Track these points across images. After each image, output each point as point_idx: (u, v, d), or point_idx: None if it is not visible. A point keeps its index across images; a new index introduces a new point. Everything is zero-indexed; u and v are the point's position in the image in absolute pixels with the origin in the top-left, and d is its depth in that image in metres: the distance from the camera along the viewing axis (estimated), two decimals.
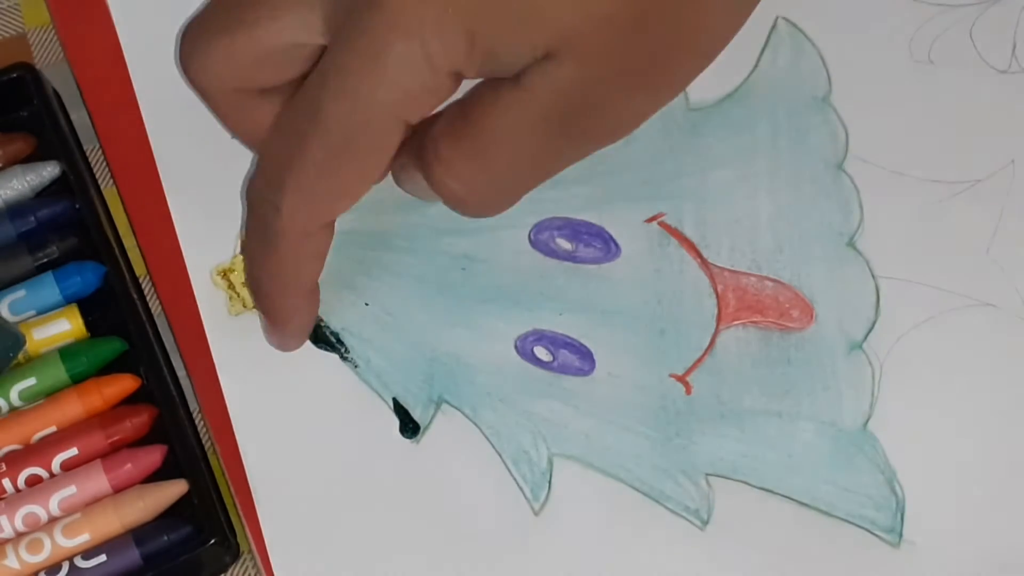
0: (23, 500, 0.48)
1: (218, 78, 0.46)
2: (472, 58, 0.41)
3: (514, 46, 0.41)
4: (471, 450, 0.49)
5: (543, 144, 0.43)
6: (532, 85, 0.41)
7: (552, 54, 0.41)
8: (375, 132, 0.42)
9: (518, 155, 0.43)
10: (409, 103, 0.42)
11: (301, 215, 0.44)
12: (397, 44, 0.40)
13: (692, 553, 0.48)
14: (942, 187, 0.53)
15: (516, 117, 0.42)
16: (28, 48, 0.57)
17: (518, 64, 0.41)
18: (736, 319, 0.51)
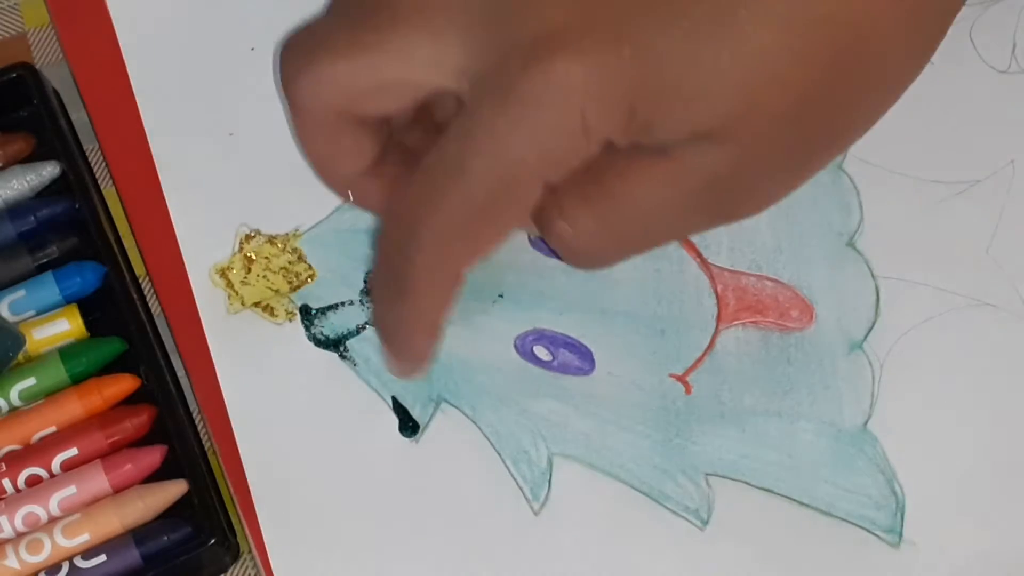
0: (23, 500, 0.48)
1: (325, 102, 0.44)
2: (628, 131, 0.40)
3: (673, 125, 0.40)
4: (471, 449, 0.49)
5: (680, 216, 0.43)
6: (683, 161, 0.41)
7: (708, 136, 0.40)
8: (519, 192, 0.41)
9: (649, 223, 0.43)
10: (556, 166, 0.40)
11: (437, 269, 0.43)
12: (554, 111, 0.39)
13: (692, 553, 0.48)
14: (942, 187, 0.53)
15: (658, 189, 0.41)
16: (28, 48, 0.57)
17: (671, 140, 0.40)
18: (736, 319, 0.51)
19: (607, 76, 0.39)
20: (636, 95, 0.39)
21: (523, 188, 0.41)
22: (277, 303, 0.51)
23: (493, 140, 0.40)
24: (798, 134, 0.41)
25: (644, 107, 0.39)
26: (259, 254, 0.52)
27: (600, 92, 0.39)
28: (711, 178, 0.41)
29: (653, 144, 0.41)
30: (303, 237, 0.52)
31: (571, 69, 0.38)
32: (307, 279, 0.52)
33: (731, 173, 0.41)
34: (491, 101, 0.40)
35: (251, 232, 0.52)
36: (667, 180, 0.41)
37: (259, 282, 0.52)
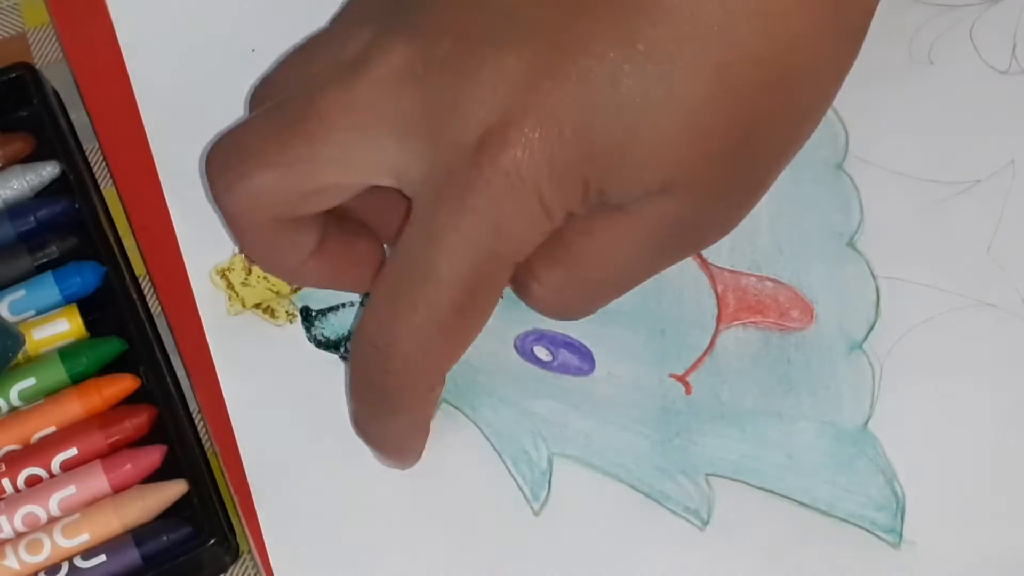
0: (23, 500, 0.48)
1: (260, 212, 0.44)
2: (586, 201, 0.41)
3: (626, 187, 0.41)
4: (471, 449, 0.49)
5: (646, 262, 0.44)
6: (641, 214, 0.42)
7: (662, 187, 0.41)
8: (492, 280, 0.42)
9: (617, 274, 0.44)
10: (524, 248, 0.41)
11: (423, 376, 0.43)
12: (515, 199, 0.40)
13: (692, 553, 0.48)
14: (942, 187, 0.53)
15: (622, 242, 0.43)
16: (28, 48, 0.57)
17: (624, 200, 0.42)
18: (736, 319, 0.51)
19: (554, 157, 0.40)
20: (585, 168, 0.40)
21: (495, 276, 0.41)
22: (278, 304, 0.51)
23: (458, 238, 0.40)
24: (745, 166, 0.42)
25: (595, 177, 0.40)
26: None
27: (550, 172, 0.40)
28: (670, 223, 0.42)
29: (610, 204, 0.42)
30: None
31: (519, 158, 0.39)
32: None
33: (687, 214, 0.42)
34: (448, 201, 0.40)
35: None
36: (629, 232, 0.43)
37: (260, 283, 0.51)
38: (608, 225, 0.43)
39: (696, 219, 0.43)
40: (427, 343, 0.42)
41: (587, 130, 0.40)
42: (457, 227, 0.40)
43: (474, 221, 0.40)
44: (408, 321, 0.41)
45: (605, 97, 0.40)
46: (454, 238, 0.40)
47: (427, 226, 0.41)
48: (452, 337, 0.42)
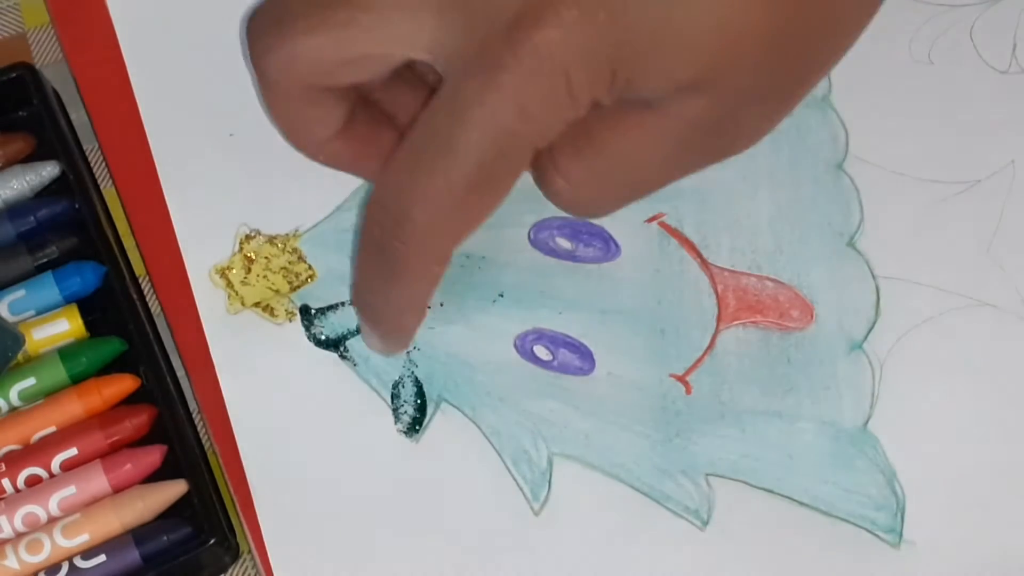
0: (23, 500, 0.48)
1: (295, 77, 0.44)
2: (612, 90, 0.41)
3: (655, 81, 0.41)
4: (471, 449, 0.49)
5: (670, 161, 0.44)
6: (668, 111, 0.42)
7: (690, 84, 0.41)
8: (511, 161, 0.41)
9: (641, 171, 0.44)
10: (547, 132, 0.41)
11: (431, 247, 0.43)
12: (542, 79, 0.40)
13: (692, 553, 0.48)
14: (942, 187, 0.53)
15: (647, 138, 0.42)
16: (27, 48, 0.57)
17: (654, 94, 0.41)
18: (736, 319, 0.51)
19: (586, 41, 0.40)
20: (616, 56, 0.40)
21: (514, 157, 0.41)
22: (277, 303, 0.51)
23: (482, 113, 0.40)
24: (774, 72, 0.42)
25: (624, 67, 0.40)
26: (259, 254, 0.52)
27: (581, 57, 0.40)
28: (697, 123, 0.42)
29: (638, 99, 0.42)
30: (303, 237, 0.52)
31: (552, 38, 0.39)
32: (307, 279, 0.52)
33: (715, 116, 0.42)
34: (477, 75, 0.40)
35: (251, 232, 0.52)
36: (655, 130, 0.42)
37: (259, 282, 0.52)
38: (636, 121, 0.42)
39: (724, 122, 0.42)
40: (439, 214, 0.42)
41: (622, 17, 0.40)
42: (483, 101, 0.40)
43: (500, 98, 0.40)
44: (423, 190, 0.41)
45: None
46: (478, 112, 0.40)
47: (453, 98, 0.41)
48: (464, 212, 0.42)
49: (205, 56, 0.55)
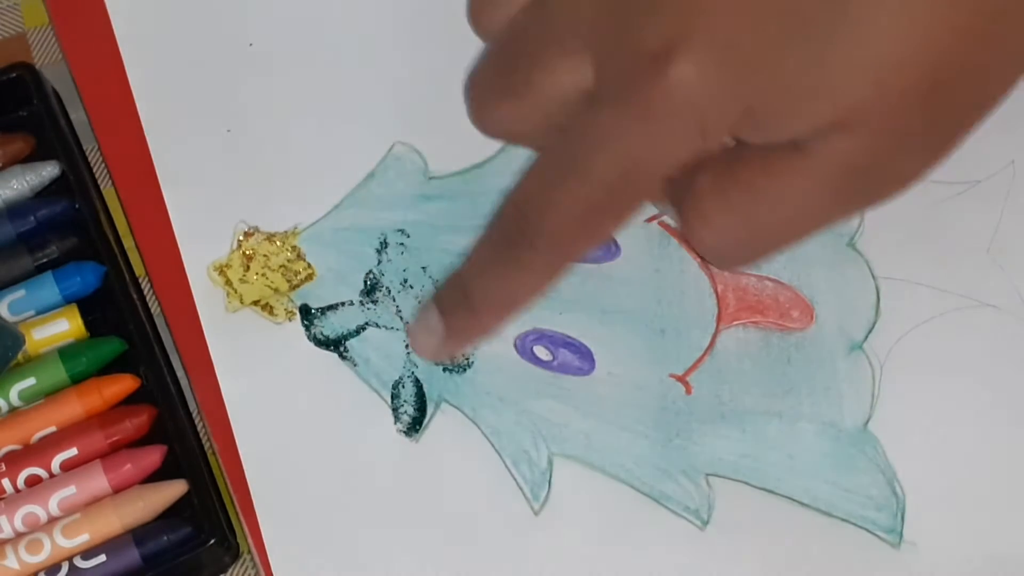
0: (23, 500, 0.48)
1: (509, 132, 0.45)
2: (744, 128, 0.41)
3: (793, 119, 0.40)
4: (471, 449, 0.49)
5: (816, 208, 0.43)
6: (816, 153, 0.41)
7: (839, 125, 0.40)
8: (636, 188, 0.42)
9: (790, 219, 0.43)
10: (674, 164, 0.41)
11: (556, 255, 0.43)
12: (674, 114, 0.40)
13: (692, 553, 0.48)
14: (942, 187, 0.53)
15: (794, 183, 0.42)
16: (27, 48, 0.57)
17: (792, 135, 0.41)
18: (736, 319, 0.51)
19: (722, 80, 0.39)
20: (753, 95, 0.40)
21: (640, 185, 0.42)
22: (276, 302, 0.51)
23: (613, 141, 0.41)
24: (930, 112, 0.41)
25: (762, 107, 0.40)
26: (257, 251, 0.52)
27: (716, 96, 0.40)
28: (847, 167, 0.41)
29: (780, 140, 0.41)
30: (302, 235, 0.52)
31: (688, 76, 0.39)
32: (306, 277, 0.52)
33: (865, 161, 0.41)
34: (612, 105, 0.41)
35: (249, 229, 0.52)
36: (801, 174, 0.41)
37: (258, 280, 0.51)
38: (782, 164, 0.41)
39: (874, 164, 0.41)
40: (567, 228, 0.42)
41: (762, 54, 0.39)
42: (615, 129, 0.41)
43: (631, 129, 0.40)
44: (554, 205, 0.42)
45: (787, 20, 0.39)
46: (608, 139, 0.41)
47: (588, 121, 0.41)
48: (588, 229, 0.43)
49: (203, 56, 0.55)
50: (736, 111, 0.40)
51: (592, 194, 0.42)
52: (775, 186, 0.42)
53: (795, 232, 0.44)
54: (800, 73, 0.39)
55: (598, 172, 0.41)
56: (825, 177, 0.41)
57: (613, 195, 0.42)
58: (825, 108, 0.40)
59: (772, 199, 0.42)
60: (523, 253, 0.43)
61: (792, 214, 0.43)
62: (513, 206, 0.44)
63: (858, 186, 0.42)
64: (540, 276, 0.44)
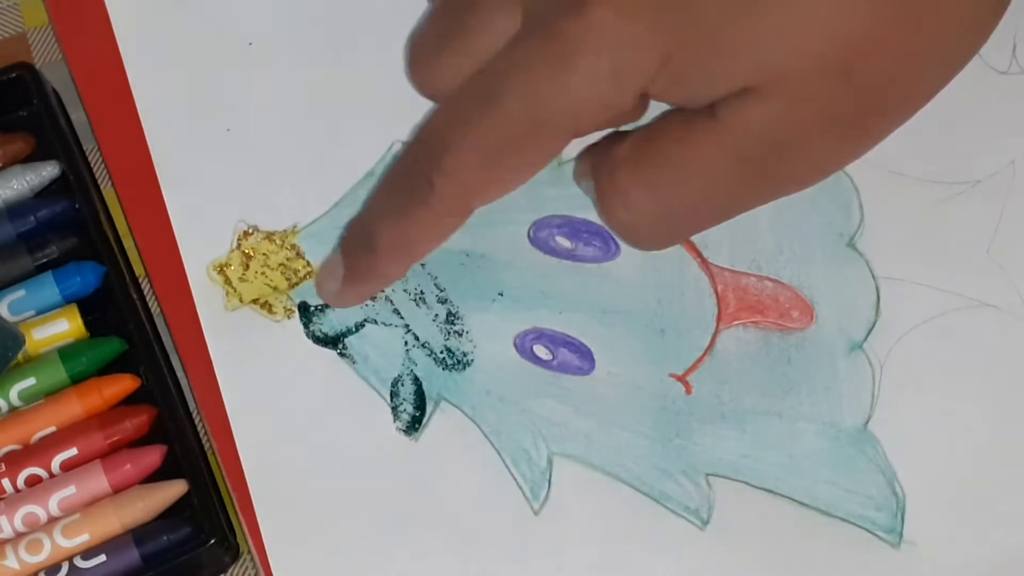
0: (23, 500, 0.48)
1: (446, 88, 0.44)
2: (661, 80, 0.40)
3: (711, 76, 0.40)
4: (470, 449, 0.49)
5: (729, 183, 0.42)
6: (729, 120, 0.41)
7: (753, 90, 0.40)
8: (544, 135, 0.42)
9: (701, 192, 0.43)
10: (586, 114, 0.41)
11: (450, 196, 0.43)
12: (589, 56, 0.40)
13: (692, 553, 0.48)
14: (942, 187, 0.53)
15: (707, 152, 0.42)
16: (27, 48, 0.57)
17: (710, 95, 0.41)
18: (736, 319, 0.51)
19: (642, 24, 0.40)
20: (672, 45, 0.40)
21: (549, 130, 0.41)
22: (275, 300, 0.51)
23: (527, 79, 0.41)
24: (845, 93, 0.41)
25: (680, 57, 0.40)
26: (257, 250, 0.52)
27: (633, 41, 0.40)
28: (759, 138, 0.41)
29: (692, 101, 0.41)
30: (301, 234, 0.52)
31: (606, 15, 0.40)
32: (305, 276, 0.52)
33: (778, 132, 0.41)
34: (529, 41, 0.41)
35: (249, 228, 0.52)
36: (715, 142, 0.41)
37: (257, 279, 0.51)
38: (697, 132, 0.42)
39: (788, 140, 0.41)
40: (465, 168, 0.42)
41: (683, 5, 0.40)
42: (529, 67, 0.41)
43: (543, 66, 0.40)
44: (456, 138, 0.42)
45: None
46: (520, 76, 0.41)
47: (506, 59, 0.42)
48: (489, 173, 0.43)
49: (203, 56, 0.55)
50: (653, 58, 0.40)
51: (496, 129, 0.41)
52: (687, 156, 0.42)
53: (708, 211, 0.44)
54: (720, 28, 0.40)
55: (505, 106, 0.41)
56: (737, 147, 0.41)
57: (518, 132, 0.41)
58: (743, 67, 0.40)
59: (683, 171, 0.42)
60: (421, 191, 0.43)
61: (702, 188, 0.42)
62: (416, 142, 0.44)
63: (770, 163, 0.42)
64: (438, 217, 0.44)
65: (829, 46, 0.40)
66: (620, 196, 0.43)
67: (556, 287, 0.51)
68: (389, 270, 0.47)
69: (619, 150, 0.43)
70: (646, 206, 0.43)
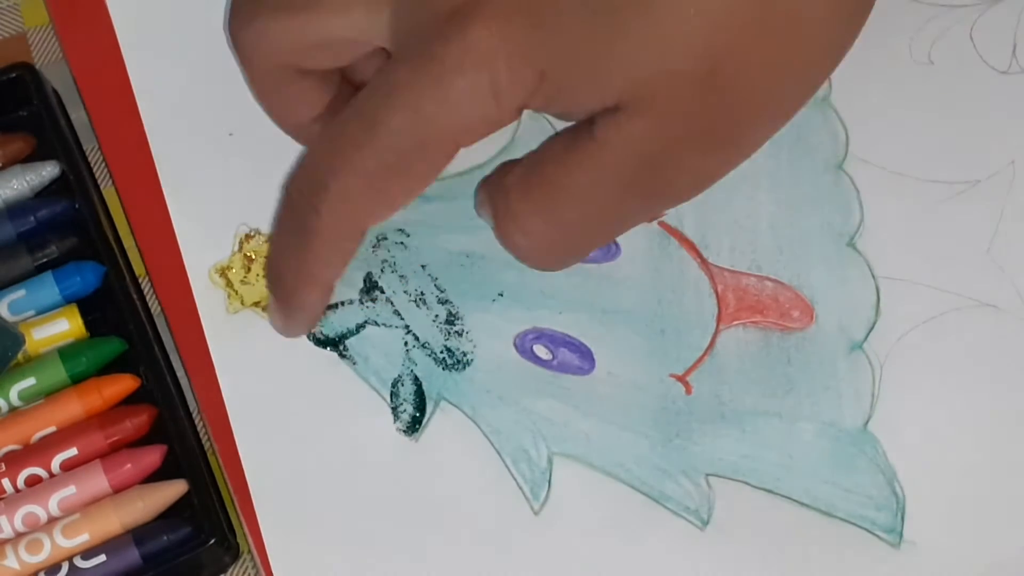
0: (23, 500, 0.48)
1: (267, 56, 0.46)
2: (538, 96, 0.41)
3: (584, 93, 0.41)
4: (470, 448, 0.49)
5: (613, 200, 0.43)
6: (605, 138, 0.42)
7: (623, 106, 0.41)
8: (428, 153, 0.42)
9: (588, 211, 0.43)
10: (468, 130, 0.42)
11: (340, 221, 0.44)
12: (468, 73, 0.40)
13: (692, 553, 0.48)
14: (942, 187, 0.53)
15: (588, 171, 0.42)
16: (27, 48, 0.57)
17: (585, 110, 0.42)
18: (736, 319, 0.51)
19: (516, 42, 0.40)
20: (546, 59, 0.41)
21: (433, 148, 0.42)
22: None
23: (408, 98, 0.41)
24: (713, 105, 0.41)
25: (554, 74, 0.41)
26: (259, 253, 0.52)
27: (509, 57, 0.40)
28: (633, 155, 0.42)
29: (571, 116, 0.42)
30: None
31: (483, 35, 0.40)
32: None
33: (652, 148, 0.42)
34: (409, 62, 0.41)
35: (251, 231, 0.52)
36: (593, 161, 0.42)
37: (259, 281, 0.51)
38: (581, 154, 0.42)
39: (662, 153, 0.42)
40: (353, 189, 0.43)
41: (556, 23, 0.40)
42: (410, 86, 0.41)
43: (424, 86, 0.41)
44: (341, 163, 0.43)
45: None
46: (403, 97, 0.41)
47: (382, 82, 0.42)
48: (377, 193, 0.43)
49: (205, 56, 0.55)
50: (529, 75, 0.41)
51: (380, 153, 0.42)
52: (570, 178, 0.43)
53: (599, 229, 0.45)
54: (589, 45, 0.40)
55: (388, 130, 0.41)
56: (616, 167, 0.42)
57: (402, 156, 0.42)
58: (612, 84, 0.41)
59: (569, 192, 0.43)
60: (311, 222, 0.44)
61: (591, 209, 0.43)
62: (301, 171, 0.44)
63: (649, 178, 0.42)
64: (333, 246, 0.44)
65: (694, 60, 0.40)
66: (515, 222, 0.44)
67: (556, 287, 0.51)
68: (309, 300, 0.47)
69: (510, 178, 0.44)
70: (540, 229, 0.44)
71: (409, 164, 0.42)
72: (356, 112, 0.43)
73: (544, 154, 0.43)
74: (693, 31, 0.40)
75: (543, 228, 0.44)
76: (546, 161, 0.43)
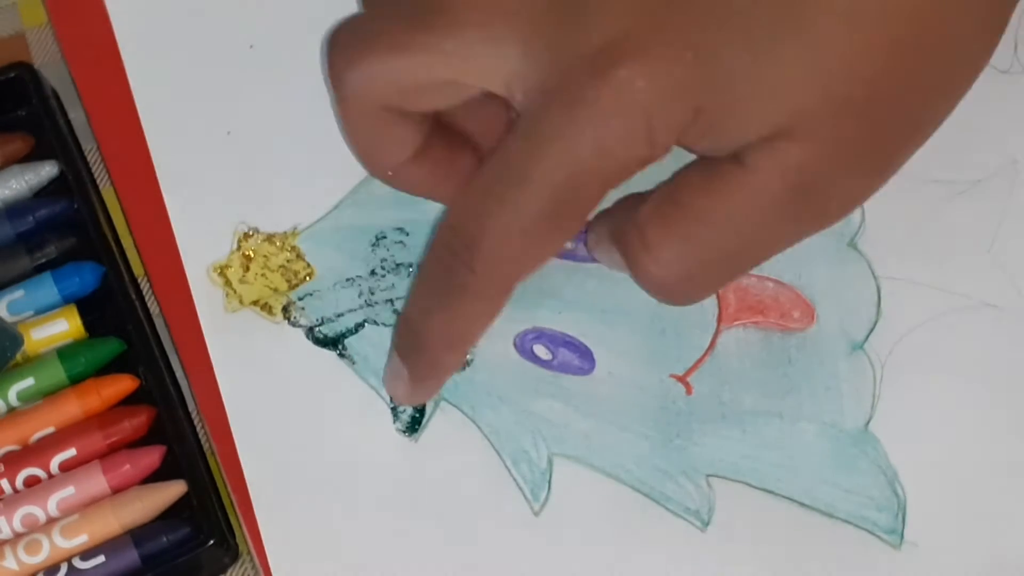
0: (21, 501, 0.48)
1: (372, 98, 0.44)
2: (692, 132, 0.40)
3: (743, 124, 0.40)
4: (470, 449, 0.49)
5: (760, 228, 0.42)
6: (759, 166, 0.40)
7: (782, 134, 0.40)
8: (583, 198, 0.41)
9: (732, 239, 0.42)
10: (621, 172, 0.40)
11: (495, 276, 0.42)
12: (623, 115, 0.39)
13: (692, 554, 0.48)
14: (942, 187, 0.53)
15: (737, 199, 0.41)
16: (26, 47, 0.57)
17: (740, 141, 0.40)
18: (737, 319, 0.51)
19: (671, 82, 0.39)
20: (701, 98, 0.39)
21: (586, 194, 0.41)
22: (275, 302, 0.51)
23: (559, 147, 0.40)
24: (874, 125, 0.41)
25: (710, 109, 0.40)
26: (257, 252, 0.52)
27: (664, 98, 0.39)
28: (791, 182, 0.41)
29: (725, 149, 0.41)
30: (301, 235, 0.52)
31: (635, 77, 0.39)
32: (305, 277, 0.52)
33: (811, 174, 0.41)
34: (557, 109, 0.40)
35: (249, 230, 0.52)
36: (746, 190, 0.41)
37: (257, 280, 0.51)
38: (725, 182, 0.41)
39: (817, 179, 0.41)
40: (508, 245, 0.41)
41: (712, 56, 0.39)
42: (560, 135, 0.40)
43: (577, 133, 0.39)
44: (495, 219, 0.41)
45: (737, 23, 0.39)
46: (555, 146, 0.40)
47: (531, 131, 0.40)
48: (533, 245, 0.42)
49: (203, 55, 0.55)
50: (685, 113, 0.39)
51: (535, 204, 0.40)
52: (716, 206, 0.41)
53: (741, 257, 0.43)
54: (749, 75, 0.39)
55: (541, 178, 0.40)
56: (769, 194, 0.41)
57: (558, 204, 0.40)
58: (773, 111, 0.40)
59: (715, 222, 0.42)
60: (463, 279, 0.42)
61: (738, 236, 0.42)
62: (448, 228, 0.43)
63: (801, 204, 0.42)
64: (486, 302, 0.43)
65: (853, 85, 0.40)
66: (651, 254, 0.42)
67: (556, 287, 0.51)
68: (448, 361, 0.46)
69: (643, 210, 0.42)
70: (678, 260, 0.42)
71: (564, 212, 0.41)
72: (504, 165, 0.41)
73: (680, 184, 0.42)
74: (852, 56, 0.39)
75: (681, 259, 0.42)
76: (686, 190, 0.42)
